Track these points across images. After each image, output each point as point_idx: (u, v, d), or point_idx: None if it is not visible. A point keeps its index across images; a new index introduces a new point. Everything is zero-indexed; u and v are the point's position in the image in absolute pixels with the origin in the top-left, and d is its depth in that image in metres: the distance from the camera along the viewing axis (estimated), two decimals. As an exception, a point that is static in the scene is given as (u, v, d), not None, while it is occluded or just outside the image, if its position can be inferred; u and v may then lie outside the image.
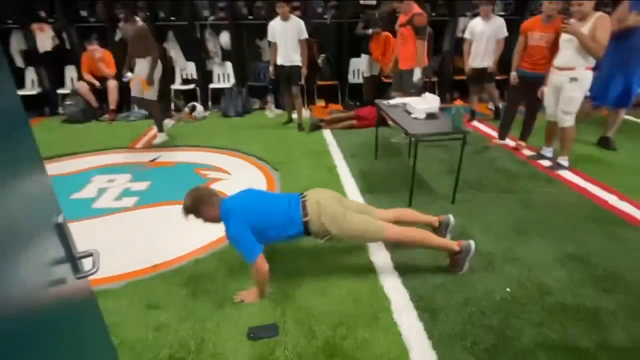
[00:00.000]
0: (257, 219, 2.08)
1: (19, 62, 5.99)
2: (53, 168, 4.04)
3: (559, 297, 2.13)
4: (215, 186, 3.54)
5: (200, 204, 2.11)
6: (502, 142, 4.45)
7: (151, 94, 4.40)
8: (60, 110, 5.91)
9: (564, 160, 3.71)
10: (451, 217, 2.51)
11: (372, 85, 5.78)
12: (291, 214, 2.14)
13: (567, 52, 3.35)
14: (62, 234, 1.02)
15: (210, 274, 2.33)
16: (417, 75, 4.33)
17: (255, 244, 2.02)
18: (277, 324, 1.95)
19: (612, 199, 3.14)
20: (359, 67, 6.12)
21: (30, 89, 6.03)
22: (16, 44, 5.89)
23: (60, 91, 6.00)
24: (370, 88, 5.79)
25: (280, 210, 2.15)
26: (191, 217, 2.16)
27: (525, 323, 1.96)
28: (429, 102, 3.24)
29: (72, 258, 1.07)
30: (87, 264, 1.12)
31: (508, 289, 2.19)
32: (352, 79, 6.31)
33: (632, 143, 4.36)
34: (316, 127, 5.06)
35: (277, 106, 6.08)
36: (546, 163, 3.84)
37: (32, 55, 5.82)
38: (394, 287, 2.21)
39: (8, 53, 5.91)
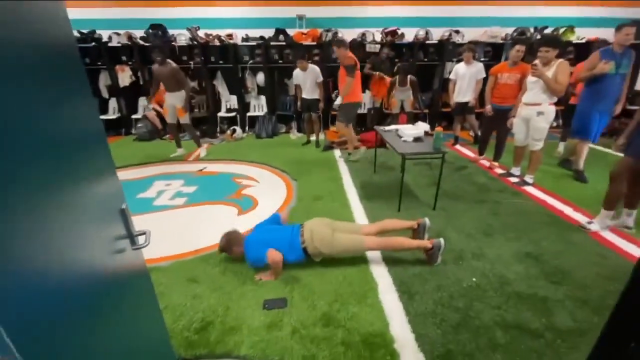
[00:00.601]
0: (267, 247, 2.20)
1: (105, 93, 6.37)
2: (126, 174, 4.26)
3: (515, 287, 2.11)
4: (246, 191, 3.67)
5: (231, 245, 2.31)
6: (482, 157, 4.55)
7: (186, 118, 4.70)
8: (133, 131, 6.22)
9: (530, 178, 3.66)
10: (427, 220, 2.53)
11: (374, 115, 5.85)
12: (292, 241, 2.25)
13: (534, 91, 3.34)
14: (125, 216, 1.13)
15: (237, 258, 2.42)
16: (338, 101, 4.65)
17: (262, 248, 2.18)
18: (287, 298, 2.01)
19: (568, 210, 3.08)
20: (364, 101, 6.22)
21: (112, 114, 6.39)
22: (103, 80, 6.28)
23: (134, 116, 6.33)
24: (373, 117, 5.87)
25: (284, 238, 2.26)
26: (224, 254, 2.38)
27: (486, 306, 1.95)
28: (417, 128, 3.29)
29: (131, 235, 1.18)
30: (142, 240, 1.21)
31: (474, 279, 2.18)
32: (359, 110, 6.38)
33: (593, 167, 4.25)
34: (329, 147, 5.16)
35: (299, 130, 6.23)
36: (514, 179, 3.79)
37: (114, 89, 6.19)
38: (380, 274, 2.24)
39: (97, 87, 6.32)
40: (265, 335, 1.77)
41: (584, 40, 6.00)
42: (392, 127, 3.63)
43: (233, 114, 6.40)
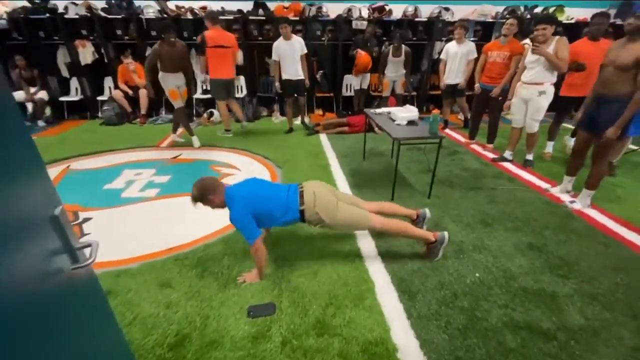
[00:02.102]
0: (258, 205, 1.91)
1: (65, 72, 5.75)
2: (91, 162, 3.85)
3: (521, 282, 1.98)
4: (225, 180, 3.37)
5: (206, 192, 1.93)
6: (473, 141, 4.43)
7: (181, 102, 4.21)
8: (99, 114, 5.69)
9: (530, 156, 3.64)
10: (427, 211, 2.35)
11: (361, 97, 5.59)
12: (289, 202, 1.96)
13: (535, 70, 3.19)
14: (59, 226, 0.85)
15: (217, 257, 2.17)
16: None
17: (255, 228, 1.86)
18: (274, 303, 1.79)
19: (565, 197, 2.98)
20: (351, 82, 5.93)
21: (74, 95, 5.80)
22: (62, 57, 5.65)
23: (99, 98, 5.77)
24: (360, 100, 5.61)
25: (280, 198, 1.97)
26: (199, 204, 1.98)
27: (492, 305, 1.81)
28: (410, 111, 3.07)
29: (71, 249, 0.90)
30: (86, 254, 0.94)
31: (477, 274, 2.04)
32: (345, 92, 6.11)
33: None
34: (313, 131, 4.87)
35: (282, 114, 5.88)
36: (508, 164, 3.69)
37: (75, 67, 5.59)
38: (377, 271, 2.05)
39: (56, 65, 5.69)
40: (251, 349, 1.55)
41: (573, 20, 5.89)
42: (384, 109, 3.39)
43: (209, 95, 5.94)
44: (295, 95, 4.72)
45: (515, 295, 1.88)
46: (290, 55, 4.42)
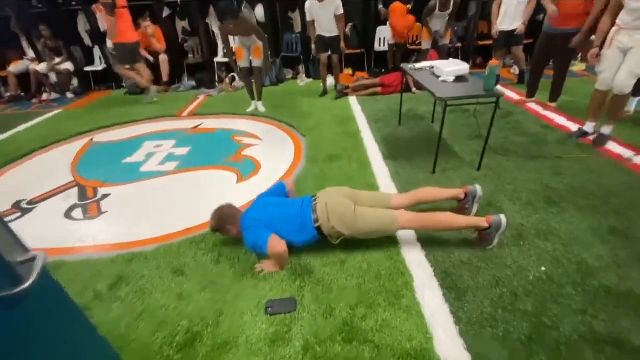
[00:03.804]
0: (272, 228, 1.69)
1: (87, 41, 5.63)
2: (113, 135, 3.77)
3: (602, 280, 1.57)
4: (246, 151, 3.11)
5: (224, 223, 1.82)
6: (531, 99, 3.69)
7: (260, 61, 3.80)
8: (123, 83, 5.57)
9: (608, 129, 2.73)
10: (478, 188, 1.93)
11: (397, 52, 4.93)
12: (303, 219, 1.71)
13: None
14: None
15: (233, 241, 1.95)
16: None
17: (265, 232, 1.65)
18: (296, 299, 1.56)
19: (656, 167, 2.39)
20: (385, 36, 5.25)
21: (99, 65, 5.71)
22: (83, 25, 5.50)
23: (122, 66, 5.62)
24: (396, 55, 4.96)
25: (293, 216, 1.73)
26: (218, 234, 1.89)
27: (565, 310, 1.44)
28: (458, 64, 2.53)
29: (6, 267, 0.66)
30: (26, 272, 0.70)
31: (543, 268, 1.65)
32: (378, 47, 5.44)
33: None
34: (342, 94, 4.40)
35: (308, 75, 5.42)
36: (590, 137, 2.85)
37: (96, 35, 5.42)
38: (416, 262, 1.73)
39: (78, 34, 5.56)
40: (269, 354, 1.34)
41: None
42: (425, 64, 2.85)
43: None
44: (330, 52, 4.23)
45: (596, 298, 1.49)
46: (324, 16, 3.96)
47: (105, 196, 2.57)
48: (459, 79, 2.44)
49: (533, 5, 3.79)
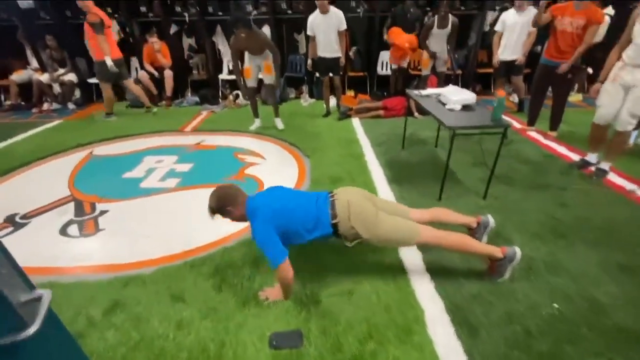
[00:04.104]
0: (284, 220, 1.58)
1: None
2: (114, 148, 3.71)
3: (617, 319, 1.52)
4: (249, 170, 3.08)
5: (225, 203, 1.63)
6: (532, 128, 3.75)
7: (272, 78, 3.85)
8: (126, 96, 5.56)
9: (607, 166, 2.73)
10: (491, 219, 1.91)
11: (399, 77, 5.01)
12: (319, 214, 1.61)
13: None
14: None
15: (237, 264, 1.89)
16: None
17: (280, 248, 1.53)
18: (301, 331, 1.48)
19: (660, 201, 2.40)
20: (387, 60, 5.35)
21: (102, 77, 5.70)
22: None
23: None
24: (397, 80, 5.04)
25: (308, 210, 1.63)
26: (217, 216, 1.68)
27: (582, 352, 1.38)
28: (464, 93, 2.56)
29: (9, 309, 0.60)
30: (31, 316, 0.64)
31: (555, 305, 1.60)
32: (381, 70, 5.55)
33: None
34: (345, 115, 4.43)
35: (311, 95, 5.47)
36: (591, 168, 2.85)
37: (102, 48, 5.44)
38: (426, 294, 1.68)
39: (83, 45, 5.58)
40: (273, 394, 1.26)
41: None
42: (431, 91, 2.89)
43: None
44: (331, 74, 4.26)
45: (612, 339, 1.44)
46: (326, 31, 3.92)
47: (103, 212, 2.50)
48: (466, 107, 2.46)
49: (533, 38, 3.93)
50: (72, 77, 5.34)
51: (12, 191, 2.86)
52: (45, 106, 5.27)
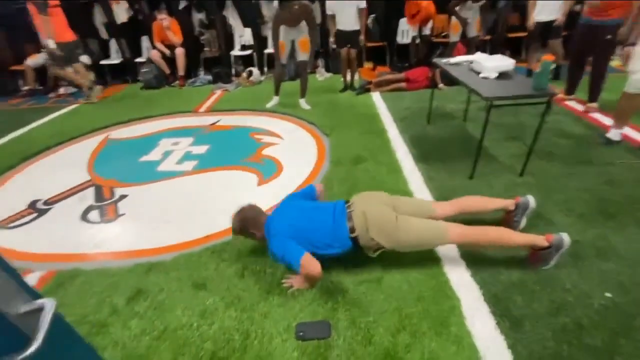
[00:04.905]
0: (300, 236, 1.52)
1: (103, 33, 5.55)
2: (130, 131, 3.66)
3: (680, 310, 1.36)
4: (267, 151, 2.96)
5: (248, 226, 1.66)
6: (570, 97, 3.43)
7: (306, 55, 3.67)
8: (139, 77, 5.48)
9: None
10: (531, 199, 1.73)
11: (421, 46, 4.67)
12: (336, 228, 1.53)
13: None
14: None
15: (259, 249, 1.80)
16: None
17: (297, 248, 1.46)
18: (329, 322, 1.41)
19: None
20: (407, 28, 4.99)
21: (115, 58, 5.63)
22: (99, 17, 5.41)
23: (138, 60, 5.53)
24: (419, 49, 4.70)
25: (325, 224, 1.55)
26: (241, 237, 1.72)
27: (639, 347, 1.25)
28: (500, 59, 2.30)
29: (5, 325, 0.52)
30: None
31: (608, 294, 1.45)
32: (401, 40, 5.19)
33: None
34: (364, 89, 4.20)
35: (327, 70, 5.22)
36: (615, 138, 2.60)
37: (113, 27, 5.33)
38: (462, 282, 1.55)
39: (94, 26, 5.48)
40: (302, 388, 1.20)
41: None
42: (461, 58, 2.63)
43: (249, 52, 5.43)
44: (349, 46, 4.02)
45: (675, 332, 1.29)
46: (345, 9, 3.77)
47: (122, 197, 2.47)
48: (502, 75, 2.22)
49: (575, -5, 3.51)
50: (85, 59, 5.27)
51: (33, 177, 2.88)
52: (62, 90, 5.27)
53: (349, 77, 4.37)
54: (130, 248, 1.98)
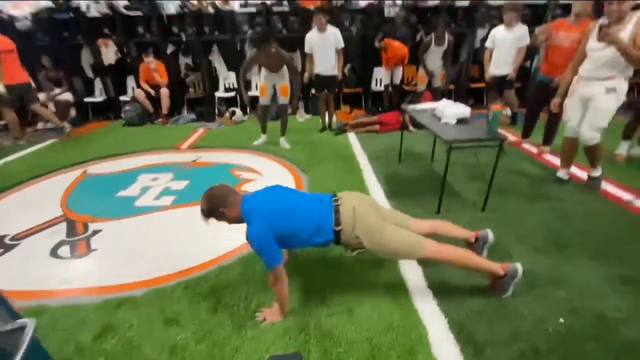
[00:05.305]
0: (282, 224, 1.51)
1: (89, 72, 5.70)
2: (108, 167, 3.67)
3: (626, 334, 1.48)
4: (246, 186, 3.05)
5: (218, 205, 1.55)
6: (526, 140, 3.79)
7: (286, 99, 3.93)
8: (122, 115, 5.57)
9: (596, 172, 2.75)
10: (490, 233, 1.89)
11: (393, 93, 5.10)
12: (322, 219, 1.55)
13: (602, 60, 2.37)
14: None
15: (233, 284, 1.84)
16: None
17: (277, 253, 1.48)
18: (301, 354, 1.42)
19: (657, 211, 2.40)
20: (381, 76, 5.46)
21: (98, 96, 5.73)
22: (86, 58, 5.59)
23: (122, 98, 5.65)
24: (392, 95, 5.12)
25: (310, 214, 1.56)
26: (212, 220, 1.61)
27: (592, 369, 1.34)
28: (459, 107, 2.59)
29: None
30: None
31: (561, 320, 1.56)
32: (375, 86, 5.64)
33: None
34: (341, 130, 4.47)
35: (307, 111, 5.52)
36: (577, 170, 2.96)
37: (99, 67, 5.50)
38: (429, 311, 1.63)
39: (80, 66, 5.64)
40: (272, 423, 1.19)
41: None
42: (426, 105, 2.92)
43: (232, 93, 5.69)
44: (326, 91, 4.32)
45: (620, 354, 1.40)
46: (323, 49, 4.02)
47: (95, 232, 2.44)
48: (461, 121, 2.48)
49: (523, 54, 4.01)
50: (67, 96, 5.35)
51: (3, 212, 2.80)
52: (40, 125, 5.25)
53: (327, 119, 4.65)
54: (101, 284, 1.93)
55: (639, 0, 2.43)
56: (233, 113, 5.30)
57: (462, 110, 2.51)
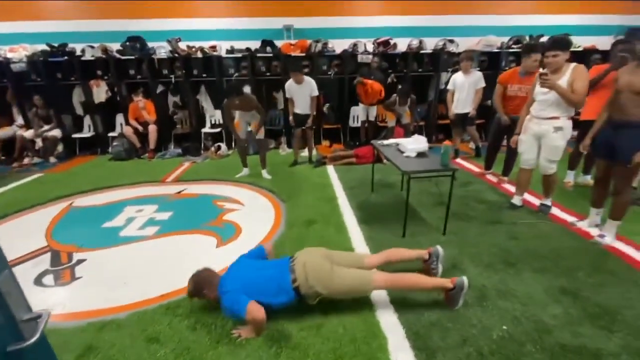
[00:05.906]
0: (250, 291, 1.76)
1: (79, 110, 5.93)
2: (95, 199, 3.79)
3: (558, 337, 1.70)
4: (228, 216, 3.23)
5: (201, 287, 1.86)
6: (489, 172, 4.18)
7: (261, 134, 4.33)
8: (109, 150, 5.75)
9: (548, 200, 3.10)
10: (440, 249, 2.13)
11: (369, 128, 5.51)
12: (281, 280, 1.81)
13: (548, 102, 2.74)
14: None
15: (211, 305, 1.96)
16: None
17: (243, 298, 1.72)
18: (272, 364, 1.56)
19: (594, 231, 2.71)
20: (358, 114, 5.91)
21: (87, 132, 5.93)
22: (77, 96, 5.85)
23: (110, 134, 5.86)
24: (368, 131, 5.53)
25: (272, 277, 1.83)
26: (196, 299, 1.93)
27: (527, 367, 1.53)
28: (419, 142, 2.92)
29: (13, 323, 0.74)
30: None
31: (505, 327, 1.77)
32: (352, 123, 6.07)
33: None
34: (320, 163, 4.77)
35: (289, 146, 5.85)
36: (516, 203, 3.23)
37: (89, 105, 5.74)
38: (390, 324, 1.80)
39: (71, 104, 5.87)
40: None
41: (580, 49, 5.83)
42: (391, 141, 3.26)
43: (218, 129, 5.99)
44: (303, 127, 4.70)
45: (553, 354, 1.60)
46: (301, 96, 4.54)
47: (80, 261, 2.53)
48: (420, 154, 2.80)
49: (480, 95, 4.52)
50: (56, 132, 5.52)
51: (-14, 244, 2.85)
52: (26, 160, 5.35)
53: (305, 153, 4.96)
54: (84, 309, 2.03)
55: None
56: (219, 147, 5.56)
57: (422, 145, 2.84)
